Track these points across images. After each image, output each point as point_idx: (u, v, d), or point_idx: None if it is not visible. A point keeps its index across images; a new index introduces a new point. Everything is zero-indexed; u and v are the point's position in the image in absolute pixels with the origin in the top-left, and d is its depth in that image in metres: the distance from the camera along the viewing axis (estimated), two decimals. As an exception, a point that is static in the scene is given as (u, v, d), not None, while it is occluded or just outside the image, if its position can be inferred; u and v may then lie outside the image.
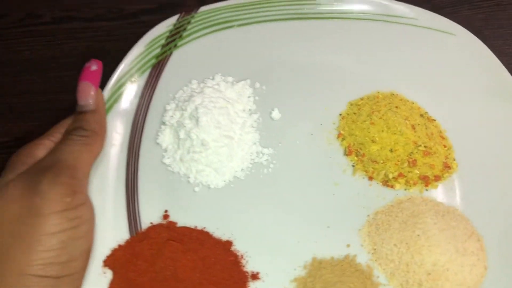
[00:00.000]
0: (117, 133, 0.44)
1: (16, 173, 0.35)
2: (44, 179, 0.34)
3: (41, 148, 0.37)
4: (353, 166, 0.43)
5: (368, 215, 0.41)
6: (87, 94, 0.39)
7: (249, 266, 0.40)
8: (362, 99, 0.46)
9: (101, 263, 0.38)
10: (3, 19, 0.58)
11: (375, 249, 0.40)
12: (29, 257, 0.32)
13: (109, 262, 0.38)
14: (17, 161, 0.36)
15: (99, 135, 0.39)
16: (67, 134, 0.38)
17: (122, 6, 0.57)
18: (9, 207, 0.33)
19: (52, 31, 0.57)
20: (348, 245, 0.40)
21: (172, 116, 0.44)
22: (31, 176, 0.34)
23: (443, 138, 0.43)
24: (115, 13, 0.57)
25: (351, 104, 0.46)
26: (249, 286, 0.39)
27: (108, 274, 0.38)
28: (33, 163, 0.36)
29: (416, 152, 0.42)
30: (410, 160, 0.42)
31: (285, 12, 0.48)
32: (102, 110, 0.40)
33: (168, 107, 0.45)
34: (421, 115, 0.44)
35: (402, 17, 0.47)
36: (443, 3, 0.55)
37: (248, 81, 0.47)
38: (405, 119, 0.43)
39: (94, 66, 0.40)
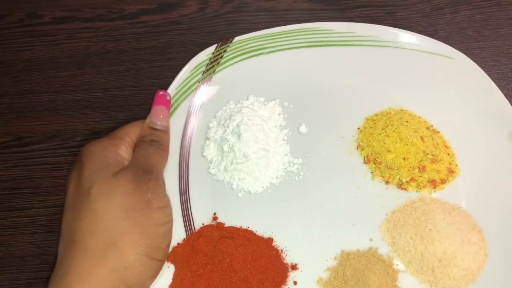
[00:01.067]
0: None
1: (118, 168, 0.41)
2: (151, 178, 0.41)
3: (123, 149, 0.44)
4: (371, 172, 0.51)
5: (387, 214, 0.49)
6: (163, 116, 0.47)
7: (288, 258, 0.47)
8: (376, 114, 0.53)
9: (164, 259, 0.45)
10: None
11: (394, 242, 0.47)
12: (146, 241, 0.38)
13: (172, 257, 0.45)
14: (108, 156, 0.42)
15: (168, 151, 0.47)
16: (147, 144, 0.45)
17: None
18: (124, 197, 0.39)
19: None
20: (371, 239, 0.48)
21: (215, 132, 0.51)
22: (139, 174, 0.41)
23: (446, 147, 0.51)
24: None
25: (367, 119, 0.53)
26: (289, 275, 0.46)
27: (171, 268, 0.45)
28: (129, 162, 0.43)
29: (425, 160, 0.49)
30: (420, 166, 0.49)
31: (307, 40, 0.56)
32: (169, 131, 0.48)
33: (210, 125, 0.52)
34: (428, 128, 0.52)
35: (408, 43, 0.55)
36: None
37: (278, 100, 0.54)
38: (414, 132, 0.51)
39: (169, 97, 0.48)
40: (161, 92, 0.49)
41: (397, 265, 0.46)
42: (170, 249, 0.46)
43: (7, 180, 0.54)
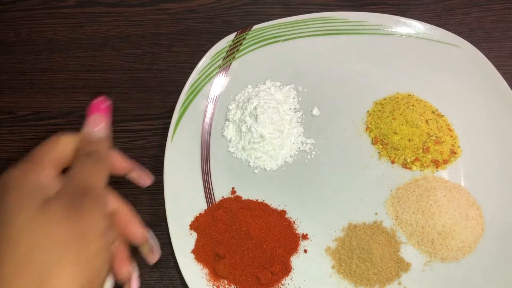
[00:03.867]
0: (190, 130, 0.55)
1: (43, 196, 0.35)
2: (87, 202, 0.35)
3: (44, 174, 0.38)
4: (378, 152, 0.55)
5: (391, 190, 0.53)
6: (99, 125, 0.42)
7: (300, 229, 0.51)
8: (385, 99, 0.57)
9: (187, 227, 0.50)
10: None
11: (397, 216, 0.51)
12: (83, 274, 0.33)
13: (194, 225, 0.50)
14: (29, 185, 0.36)
15: (108, 160, 0.41)
16: (85, 157, 0.39)
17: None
18: (56, 227, 0.33)
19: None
20: (376, 214, 0.52)
21: (234, 114, 0.56)
22: (72, 199, 0.35)
23: (450, 130, 0.55)
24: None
25: (376, 103, 0.57)
26: (300, 243, 0.50)
27: (194, 235, 0.50)
28: (61, 185, 0.37)
29: (429, 141, 0.53)
30: (424, 147, 0.53)
31: (322, 28, 0.59)
32: (107, 139, 0.42)
33: (230, 107, 0.57)
34: (433, 112, 0.55)
35: (416, 32, 0.58)
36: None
37: (292, 85, 0.58)
38: (420, 115, 0.54)
39: (106, 103, 0.43)
40: (96, 101, 0.43)
41: (400, 237, 0.50)
42: (193, 219, 0.51)
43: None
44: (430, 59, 0.58)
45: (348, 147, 0.55)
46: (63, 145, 0.41)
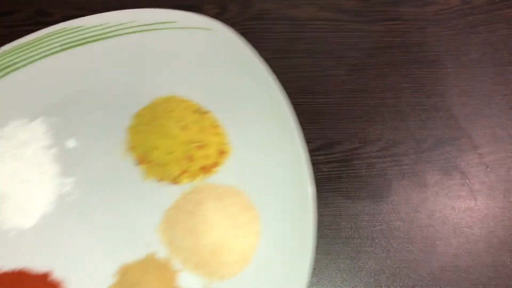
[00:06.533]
0: None
1: None
2: None
3: None
4: (144, 173, 0.49)
5: (164, 212, 0.48)
6: None
7: (72, 285, 0.45)
8: (144, 109, 0.51)
9: None
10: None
11: (171, 241, 0.46)
12: None
13: None
14: None
15: None
16: None
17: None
18: None
19: None
20: (147, 245, 0.47)
21: (-27, 174, 0.48)
22: None
23: (215, 127, 0.49)
24: None
25: (136, 116, 0.50)
26: (70, 304, 0.45)
27: None
28: None
29: (191, 149, 0.48)
30: (188, 156, 0.48)
31: (60, 43, 0.51)
32: None
33: (-31, 165, 0.49)
34: (195, 111, 0.50)
35: (159, 23, 0.51)
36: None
37: (42, 118, 0.51)
38: (178, 122, 0.48)
39: None
40: None
41: (177, 264, 0.46)
42: None
43: None
44: (186, 50, 0.52)
45: (113, 174, 0.49)
46: None
